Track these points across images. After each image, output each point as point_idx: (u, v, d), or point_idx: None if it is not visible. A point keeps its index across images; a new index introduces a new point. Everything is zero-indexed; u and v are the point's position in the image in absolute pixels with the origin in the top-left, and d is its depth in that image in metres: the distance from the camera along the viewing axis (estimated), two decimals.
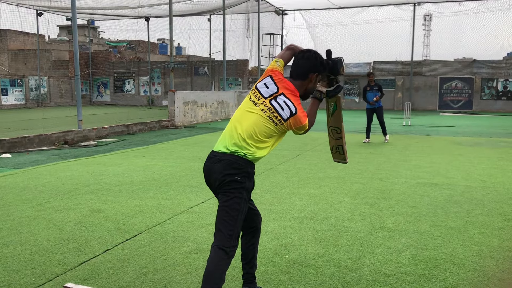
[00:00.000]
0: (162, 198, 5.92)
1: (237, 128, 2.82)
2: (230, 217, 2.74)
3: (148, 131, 15.37)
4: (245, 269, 3.06)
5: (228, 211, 2.75)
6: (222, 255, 2.71)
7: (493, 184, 6.84)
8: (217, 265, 2.69)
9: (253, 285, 3.04)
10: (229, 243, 2.73)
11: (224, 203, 2.76)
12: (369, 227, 4.74)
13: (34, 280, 3.45)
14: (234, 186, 2.75)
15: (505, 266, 3.74)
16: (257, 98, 2.86)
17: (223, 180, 2.76)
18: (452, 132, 14.86)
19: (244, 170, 2.77)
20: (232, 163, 2.75)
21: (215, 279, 2.66)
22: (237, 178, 2.74)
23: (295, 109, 2.82)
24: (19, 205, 5.57)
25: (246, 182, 2.78)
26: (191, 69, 33.47)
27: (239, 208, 2.75)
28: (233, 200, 2.74)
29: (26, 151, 10.40)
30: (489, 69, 27.06)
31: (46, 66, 33.40)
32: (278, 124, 2.81)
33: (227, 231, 2.73)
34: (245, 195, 2.79)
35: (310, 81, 2.95)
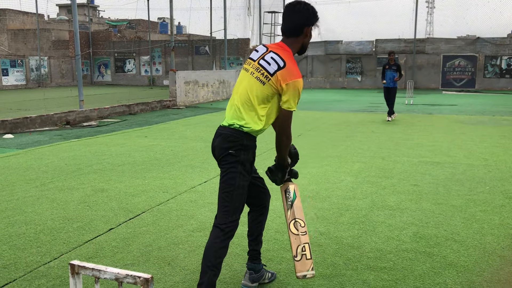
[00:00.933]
0: (165, 178, 5.95)
1: (234, 99, 2.77)
2: (226, 193, 2.69)
3: (149, 111, 15.36)
4: (251, 246, 3.06)
5: (223, 186, 2.71)
6: (217, 233, 2.67)
7: (495, 162, 6.85)
8: (212, 244, 2.65)
9: (258, 262, 3.06)
10: (223, 220, 2.68)
11: (222, 179, 2.73)
12: (370, 206, 4.77)
13: (40, 258, 3.50)
14: (228, 160, 2.68)
15: (506, 243, 3.77)
16: (248, 64, 2.78)
17: (220, 155, 2.72)
18: (455, 111, 14.81)
19: (239, 142, 2.68)
20: (228, 137, 2.70)
21: (209, 257, 2.63)
22: (231, 151, 2.67)
23: (284, 62, 2.62)
24: (23, 185, 5.61)
25: (240, 155, 2.68)
26: (192, 48, 33.23)
27: (234, 183, 2.68)
28: (228, 175, 2.69)
29: (28, 132, 10.43)
30: (493, 46, 26.79)
31: (46, 46, 33.19)
32: (266, 83, 2.63)
33: (222, 207, 2.70)
34: (240, 168, 2.69)
35: (305, 36, 2.75)
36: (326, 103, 18.36)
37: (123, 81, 34.46)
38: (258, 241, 3.06)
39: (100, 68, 35.28)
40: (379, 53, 29.02)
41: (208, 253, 2.64)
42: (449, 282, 3.10)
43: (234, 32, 30.56)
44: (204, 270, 2.63)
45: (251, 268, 3.03)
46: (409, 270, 3.29)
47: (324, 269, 3.30)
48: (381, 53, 28.91)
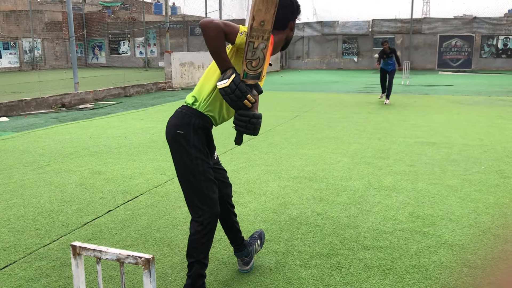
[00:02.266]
0: (162, 160, 5.96)
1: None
2: (186, 181, 2.48)
3: (145, 93, 15.28)
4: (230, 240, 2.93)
5: (181, 173, 2.49)
6: (195, 227, 2.47)
7: (491, 142, 6.89)
8: (192, 240, 2.48)
9: (243, 248, 2.94)
10: (199, 211, 2.47)
11: (175, 166, 2.51)
12: (367, 186, 4.80)
13: (39, 240, 3.52)
14: (177, 140, 2.46)
15: (500, 222, 3.82)
16: None
17: (167, 135, 2.54)
18: (451, 91, 14.81)
19: (185, 120, 2.45)
20: (177, 114, 2.52)
21: (192, 253, 2.49)
22: (178, 131, 2.45)
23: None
24: (20, 168, 5.61)
25: (190, 135, 2.43)
26: (187, 29, 32.91)
27: (190, 166, 2.44)
28: (180, 159, 2.47)
29: (24, 115, 10.37)
30: (489, 26, 26.67)
31: (39, 28, 32.78)
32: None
33: (188, 198, 2.51)
34: (193, 151, 2.43)
35: (290, 30, 2.65)
36: (323, 84, 18.31)
37: (117, 63, 34.18)
38: (236, 231, 2.92)
39: (94, 50, 34.95)
40: (376, 34, 28.86)
41: (191, 249, 2.49)
42: (444, 261, 3.15)
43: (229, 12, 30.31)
44: (190, 263, 2.50)
45: (240, 256, 2.98)
46: (405, 249, 3.33)
47: (321, 248, 3.35)
48: (378, 33, 28.75)
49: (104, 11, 36.33)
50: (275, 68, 28.56)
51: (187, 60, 17.92)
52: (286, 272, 3.02)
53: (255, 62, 2.31)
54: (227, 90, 2.29)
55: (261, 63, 2.33)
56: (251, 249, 3.04)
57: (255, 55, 2.30)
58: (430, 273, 2.98)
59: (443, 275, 2.96)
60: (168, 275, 3.00)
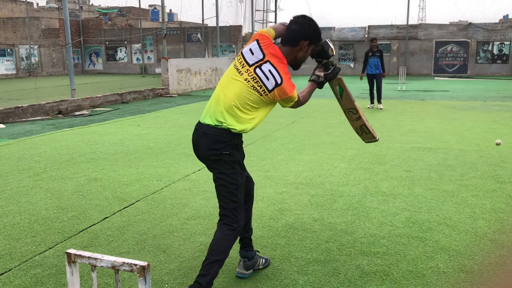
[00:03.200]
0: (159, 166, 5.95)
1: (221, 98, 2.69)
2: (230, 193, 2.71)
3: (142, 99, 15.28)
4: (241, 234, 3.05)
5: (226, 186, 2.71)
6: (227, 231, 2.71)
7: (487, 147, 6.91)
8: (223, 240, 2.70)
9: (250, 249, 3.08)
10: (235, 220, 2.72)
11: (221, 181, 2.72)
12: (364, 192, 4.81)
13: (35, 248, 3.51)
14: (225, 160, 2.68)
15: (497, 227, 3.83)
16: (241, 65, 2.70)
17: (211, 156, 2.70)
18: (447, 97, 14.87)
19: (230, 143, 2.67)
20: (218, 137, 2.65)
21: (219, 254, 2.67)
22: (225, 152, 2.66)
23: (281, 79, 2.65)
24: (16, 175, 5.59)
25: (235, 155, 2.70)
26: (183, 35, 32.97)
27: (236, 182, 2.71)
28: (228, 176, 2.69)
29: (20, 121, 10.35)
30: (485, 32, 26.83)
31: (36, 35, 32.79)
32: (263, 95, 2.65)
33: (230, 208, 2.72)
34: (238, 168, 2.72)
35: (300, 49, 2.75)
36: (319, 90, 18.33)
37: (114, 69, 34.18)
38: (248, 228, 3.07)
39: (91, 56, 34.96)
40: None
41: (218, 251, 2.67)
42: (441, 266, 3.14)
43: (226, 19, 30.36)
44: (210, 263, 2.64)
45: (244, 256, 3.05)
46: (402, 254, 3.33)
47: (318, 254, 3.34)
48: None
49: (101, 18, 36.37)
50: None
51: (184, 67, 17.95)
52: (283, 279, 3.01)
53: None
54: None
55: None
56: (256, 257, 3.11)
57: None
58: (427, 279, 2.98)
59: (440, 280, 2.96)
60: (164, 282, 2.98)
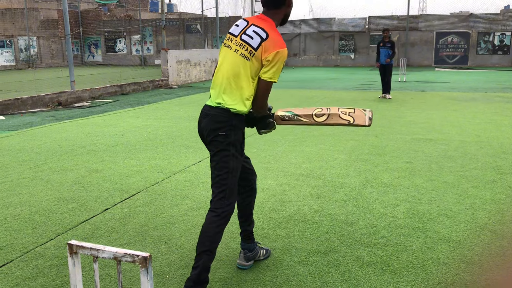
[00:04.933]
0: (159, 158, 5.95)
1: (218, 78, 2.69)
2: (220, 176, 2.63)
3: (141, 91, 15.24)
4: (242, 227, 3.06)
5: (218, 169, 2.64)
6: (213, 217, 2.63)
7: (487, 138, 6.90)
8: (208, 228, 2.61)
9: (251, 241, 3.08)
10: (220, 204, 2.63)
11: (214, 162, 2.65)
12: (364, 183, 4.81)
13: (36, 239, 3.51)
14: (220, 140, 2.60)
15: (497, 218, 3.83)
16: (229, 40, 2.70)
17: (208, 136, 2.65)
18: (448, 88, 14.84)
19: (228, 123, 2.60)
20: (216, 117, 2.62)
21: (205, 241, 2.59)
22: (220, 133, 2.60)
23: (266, 34, 2.56)
24: (16, 167, 5.59)
25: (231, 136, 2.61)
26: (183, 27, 32.83)
27: (228, 165, 2.62)
28: (220, 158, 2.62)
29: (19, 113, 10.33)
30: (486, 22, 26.72)
31: (35, 26, 32.64)
32: (251, 59, 2.57)
33: (218, 191, 2.65)
34: (232, 150, 2.62)
35: (288, 6, 2.70)
36: (319, 81, 18.30)
37: (114, 61, 34.08)
38: (250, 221, 3.05)
39: (90, 48, 34.83)
40: (372, 30, 28.86)
41: (204, 238, 2.61)
42: (442, 257, 3.15)
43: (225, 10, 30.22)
44: (199, 254, 2.59)
45: (245, 248, 3.05)
46: (402, 245, 3.34)
47: (319, 245, 3.35)
48: (374, 30, 28.76)
49: (100, 9, 36.20)
50: None
51: (183, 58, 17.88)
52: (283, 269, 3.02)
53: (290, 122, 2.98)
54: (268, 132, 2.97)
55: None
56: (257, 249, 3.10)
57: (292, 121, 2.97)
58: (428, 270, 2.99)
59: (440, 271, 2.97)
60: (165, 273, 2.99)
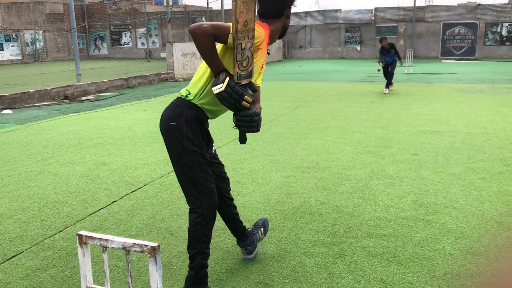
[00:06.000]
0: (165, 151, 5.92)
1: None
2: (180, 173, 2.46)
3: (147, 84, 15.27)
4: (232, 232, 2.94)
5: (175, 165, 2.47)
6: (194, 218, 2.47)
7: (494, 130, 6.87)
8: (193, 231, 2.48)
9: (245, 238, 2.96)
10: (197, 202, 2.46)
11: (170, 158, 2.49)
12: (370, 175, 4.81)
13: (45, 231, 3.55)
14: (171, 132, 2.43)
15: (504, 209, 3.83)
16: None
17: (161, 127, 2.50)
18: (454, 79, 14.74)
19: (178, 111, 2.42)
20: (170, 106, 2.49)
21: (194, 244, 2.48)
22: (171, 123, 2.42)
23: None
24: (24, 160, 5.64)
25: (183, 127, 2.40)
26: (188, 19, 32.77)
27: (184, 159, 2.42)
28: (175, 151, 2.44)
29: (27, 107, 10.40)
30: (493, 13, 26.45)
31: (40, 20, 32.72)
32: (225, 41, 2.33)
33: (185, 189, 2.49)
34: (186, 143, 2.40)
35: (286, 17, 2.62)
36: (325, 73, 18.24)
37: (119, 54, 34.13)
38: (237, 223, 2.92)
39: (96, 41, 34.88)
40: (379, 22, 28.67)
41: (191, 243, 2.49)
42: (448, 248, 3.16)
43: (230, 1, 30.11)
44: (192, 256, 2.50)
45: (243, 246, 3.00)
46: (408, 237, 3.35)
47: (325, 237, 3.36)
48: (381, 21, 28.57)
49: (106, 2, 36.21)
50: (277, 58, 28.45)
51: (189, 51, 17.87)
52: (290, 261, 3.04)
53: (245, 62, 2.33)
54: (223, 94, 2.30)
55: (251, 61, 2.35)
56: (254, 238, 3.04)
57: (244, 55, 2.31)
58: (434, 261, 2.99)
59: (446, 262, 2.98)
60: (173, 264, 3.02)
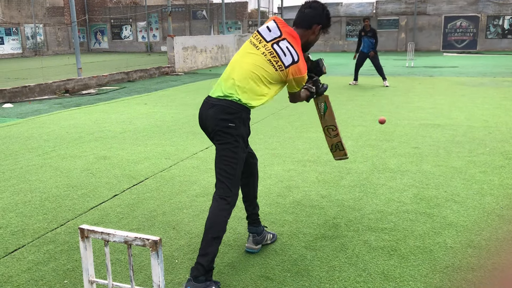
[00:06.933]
0: (167, 145, 5.97)
1: (234, 71, 2.70)
2: (228, 166, 2.68)
3: (148, 78, 15.25)
4: (248, 211, 3.11)
5: (226, 159, 2.68)
6: (223, 205, 2.68)
7: (496, 123, 6.86)
8: (219, 215, 2.66)
9: (258, 224, 3.12)
10: (229, 192, 2.70)
11: (222, 152, 2.69)
12: (371, 168, 4.81)
13: (47, 225, 3.56)
14: (229, 132, 2.65)
15: (505, 203, 3.83)
16: (258, 41, 2.74)
17: (216, 126, 2.66)
18: (456, 73, 14.70)
19: (237, 115, 2.64)
20: (226, 108, 2.63)
21: (216, 228, 2.64)
22: (230, 124, 2.63)
23: (297, 56, 2.67)
24: (25, 154, 5.64)
25: (240, 128, 2.66)
26: (189, 13, 32.65)
27: (236, 156, 2.68)
28: (230, 148, 2.67)
29: (27, 101, 10.39)
30: (495, 6, 26.31)
31: (41, 13, 32.62)
32: (278, 70, 2.67)
33: (227, 180, 2.69)
34: (241, 142, 2.69)
35: (313, 32, 2.82)
36: (327, 67, 18.17)
37: (120, 48, 34.04)
38: (255, 205, 3.09)
39: (96, 35, 34.79)
40: (380, 15, 28.55)
41: (214, 225, 2.65)
42: (449, 241, 3.16)
43: None
44: (208, 241, 2.62)
45: (253, 232, 3.09)
46: (409, 230, 3.35)
47: (326, 230, 3.37)
48: (382, 14, 28.45)
49: None
50: None
51: (189, 44, 17.82)
52: (291, 254, 3.05)
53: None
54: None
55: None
56: (264, 232, 3.15)
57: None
58: (435, 254, 3.00)
59: (447, 255, 2.98)
60: (175, 257, 3.03)
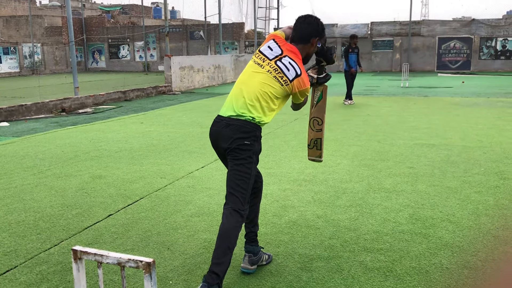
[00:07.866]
0: (162, 164, 5.97)
1: (243, 91, 2.86)
2: (242, 181, 2.82)
3: (145, 97, 15.30)
4: (247, 228, 3.13)
5: (240, 174, 2.82)
6: (238, 217, 2.79)
7: (490, 143, 6.90)
8: (234, 226, 2.78)
9: (255, 244, 3.12)
10: (242, 206, 2.82)
11: (236, 167, 2.83)
12: (367, 188, 4.81)
13: (40, 245, 3.53)
14: (244, 149, 2.80)
15: (500, 223, 3.83)
16: (261, 60, 2.92)
17: (232, 144, 2.81)
18: (450, 93, 14.83)
19: (252, 133, 2.82)
20: (241, 127, 2.80)
21: (233, 239, 2.76)
22: (246, 142, 2.80)
23: (300, 70, 2.87)
24: (20, 173, 5.61)
25: (255, 146, 2.84)
26: (186, 33, 32.95)
27: (250, 172, 2.83)
28: (244, 164, 2.81)
29: (24, 119, 10.39)
30: (488, 28, 26.71)
31: (39, 33, 32.82)
32: (284, 85, 2.86)
33: (241, 195, 2.81)
34: (254, 158, 2.86)
35: (311, 46, 3.00)
36: None
37: (117, 67, 34.21)
38: (255, 223, 3.14)
39: (94, 54, 34.98)
40: (375, 36, 28.90)
41: (230, 236, 2.77)
42: (445, 262, 3.15)
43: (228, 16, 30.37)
44: (224, 250, 2.73)
45: (249, 251, 3.08)
46: (405, 251, 3.34)
47: (322, 251, 3.35)
48: (377, 35, 28.79)
49: (104, 16, 36.38)
50: None
51: (186, 64, 17.94)
52: (286, 275, 3.03)
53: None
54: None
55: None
56: (260, 252, 3.16)
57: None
58: (431, 275, 2.98)
59: (443, 276, 2.97)
60: (169, 278, 3.00)
